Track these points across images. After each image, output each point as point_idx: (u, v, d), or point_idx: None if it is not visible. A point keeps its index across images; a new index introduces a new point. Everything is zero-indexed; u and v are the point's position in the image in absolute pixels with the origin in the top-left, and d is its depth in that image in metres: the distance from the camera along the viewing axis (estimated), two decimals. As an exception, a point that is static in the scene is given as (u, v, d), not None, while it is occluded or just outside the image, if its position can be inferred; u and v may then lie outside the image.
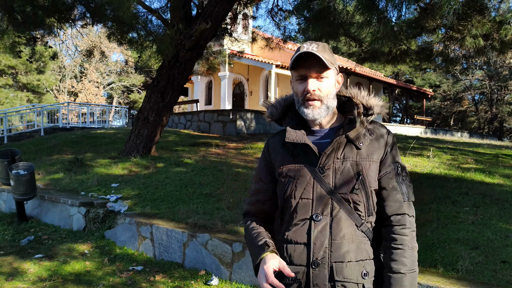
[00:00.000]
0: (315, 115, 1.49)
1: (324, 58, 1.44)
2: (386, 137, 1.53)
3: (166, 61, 8.89)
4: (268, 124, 13.77)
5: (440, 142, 11.08)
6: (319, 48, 1.47)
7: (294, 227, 1.46)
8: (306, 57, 1.45)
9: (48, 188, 7.44)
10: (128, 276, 4.38)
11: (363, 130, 1.52)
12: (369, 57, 10.30)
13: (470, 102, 35.83)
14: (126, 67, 36.15)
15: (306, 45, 1.47)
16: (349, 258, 1.41)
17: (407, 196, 1.48)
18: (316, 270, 1.40)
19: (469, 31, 7.27)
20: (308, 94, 1.48)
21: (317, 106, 1.49)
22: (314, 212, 1.44)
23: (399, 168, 1.51)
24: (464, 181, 6.04)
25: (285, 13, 11.37)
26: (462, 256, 3.65)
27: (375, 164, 1.48)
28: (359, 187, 1.44)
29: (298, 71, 1.49)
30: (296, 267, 1.44)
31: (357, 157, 1.47)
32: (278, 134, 1.63)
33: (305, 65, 1.47)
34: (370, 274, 1.43)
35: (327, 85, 1.50)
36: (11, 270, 4.56)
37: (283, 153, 1.55)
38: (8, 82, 30.10)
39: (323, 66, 1.46)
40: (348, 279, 1.40)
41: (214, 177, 6.99)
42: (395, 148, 1.54)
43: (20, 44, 10.57)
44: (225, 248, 4.35)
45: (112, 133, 13.65)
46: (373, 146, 1.50)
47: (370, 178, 1.46)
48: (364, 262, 1.43)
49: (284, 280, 1.45)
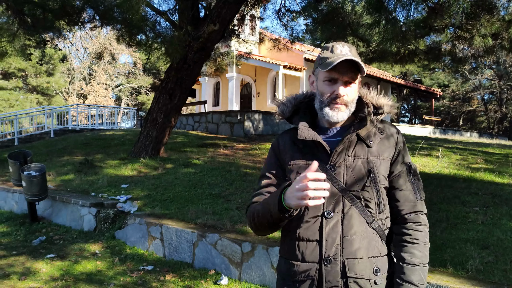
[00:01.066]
0: (339, 117, 1.50)
1: (360, 65, 1.44)
2: (396, 136, 1.55)
3: (174, 63, 8.95)
4: (276, 125, 13.78)
5: (449, 142, 11.02)
6: (352, 52, 1.46)
7: (305, 224, 1.47)
8: (345, 60, 1.43)
9: (59, 189, 7.52)
10: (138, 276, 4.43)
11: (374, 129, 1.54)
12: (377, 57, 10.27)
13: (479, 102, 35.56)
14: (134, 69, 36.36)
15: (340, 47, 1.47)
16: (360, 254, 1.42)
17: (419, 196, 1.51)
18: (328, 266, 1.42)
19: (478, 30, 7.23)
20: (337, 99, 1.48)
21: (342, 109, 1.49)
22: (326, 209, 1.45)
23: (410, 168, 1.53)
24: (474, 181, 6.01)
25: (293, 14, 11.39)
26: (472, 256, 3.64)
27: (386, 162, 1.50)
28: (370, 184, 1.46)
29: (330, 73, 1.47)
30: (308, 264, 1.45)
31: (368, 155, 1.49)
32: (287, 133, 1.65)
33: (340, 69, 1.45)
34: (382, 270, 1.45)
35: (354, 90, 1.51)
36: (24, 270, 4.63)
37: (294, 151, 1.56)
38: (18, 85, 30.45)
39: (357, 73, 1.47)
40: (360, 275, 1.41)
41: (223, 177, 7.02)
42: (405, 148, 1.56)
43: (30, 47, 10.65)
44: (235, 248, 4.38)
45: (121, 134, 13.75)
46: (384, 145, 1.52)
47: (381, 176, 1.48)
48: (376, 258, 1.45)
49: (296, 277, 1.48)
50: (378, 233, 1.47)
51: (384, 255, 1.48)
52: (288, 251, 1.53)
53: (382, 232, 1.49)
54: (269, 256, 4.08)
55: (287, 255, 1.53)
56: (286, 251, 1.54)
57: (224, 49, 14.71)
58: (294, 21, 11.79)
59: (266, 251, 4.12)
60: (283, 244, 1.57)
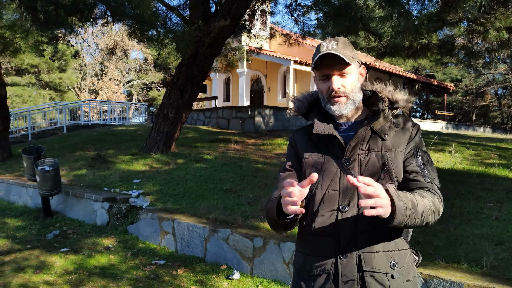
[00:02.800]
0: (342, 110, 1.51)
1: (345, 55, 1.45)
2: (411, 129, 1.53)
3: (185, 58, 8.97)
4: (286, 121, 13.75)
5: (462, 138, 10.90)
6: (339, 45, 1.48)
7: (320, 218, 1.47)
8: (327, 56, 1.46)
9: (72, 184, 7.60)
10: (151, 270, 4.46)
11: (388, 122, 1.53)
12: (389, 52, 10.19)
13: (493, 97, 35.08)
14: (145, 65, 36.54)
15: (326, 44, 1.49)
16: (377, 248, 1.41)
17: (430, 179, 1.46)
18: (344, 260, 1.42)
19: (493, 24, 7.13)
20: (333, 92, 1.49)
21: (343, 102, 1.51)
22: (341, 203, 1.45)
23: (424, 155, 1.50)
24: (488, 177, 5.94)
25: (304, 9, 11.33)
26: (486, 252, 3.60)
27: (401, 155, 1.49)
28: (385, 177, 1.44)
29: (320, 71, 1.51)
30: (324, 258, 1.45)
31: (382, 148, 1.48)
32: (302, 129, 1.66)
33: (327, 64, 1.48)
34: (399, 264, 1.44)
35: (350, 81, 1.51)
36: (38, 263, 4.69)
37: (309, 146, 1.58)
38: (31, 81, 30.79)
39: (345, 63, 1.47)
40: (377, 269, 1.40)
41: (234, 173, 7.03)
42: (421, 140, 1.55)
43: (42, 43, 10.76)
44: (246, 243, 4.39)
45: (133, 130, 13.84)
46: (399, 138, 1.51)
47: (396, 169, 1.46)
48: (393, 252, 1.43)
49: (312, 272, 1.47)
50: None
51: (401, 249, 1.46)
52: (303, 245, 1.52)
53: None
54: (281, 251, 4.08)
55: (302, 250, 1.53)
56: (301, 245, 1.54)
57: (234, 45, 14.70)
58: (305, 16, 11.72)
59: (278, 246, 4.13)
60: (299, 239, 1.57)
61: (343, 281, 1.41)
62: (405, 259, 1.46)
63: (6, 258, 4.87)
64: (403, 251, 1.47)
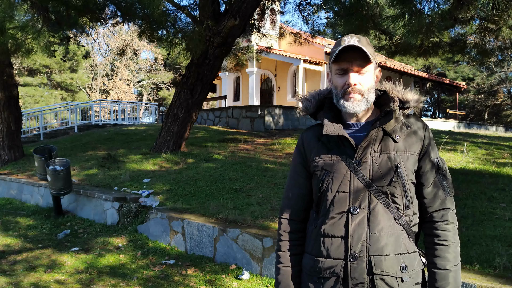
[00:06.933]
0: (355, 108, 1.48)
1: (368, 51, 1.43)
2: (423, 130, 1.51)
3: (195, 58, 8.98)
4: (296, 120, 13.72)
5: (474, 137, 10.77)
6: (361, 41, 1.45)
7: (331, 220, 1.45)
8: (348, 50, 1.43)
9: (83, 184, 7.66)
10: (160, 269, 4.47)
11: (400, 123, 1.50)
12: (400, 50, 10.09)
13: (505, 95, 34.61)
14: (155, 65, 36.71)
15: (347, 39, 1.45)
16: (387, 251, 1.39)
17: (449, 192, 1.48)
18: (354, 263, 1.40)
19: (505, 21, 7.03)
20: (349, 88, 1.46)
21: (357, 99, 1.47)
22: (352, 205, 1.43)
23: (439, 164, 1.49)
24: (500, 177, 5.86)
25: (314, 7, 11.29)
26: (499, 253, 3.54)
27: (413, 157, 1.47)
28: (397, 179, 1.42)
29: (339, 64, 1.47)
30: (333, 260, 1.43)
31: (394, 150, 1.46)
32: (311, 129, 1.63)
33: (347, 59, 1.45)
34: (409, 267, 1.42)
35: (368, 79, 1.48)
36: (50, 263, 4.73)
37: (318, 147, 1.55)
38: (43, 81, 31.10)
39: (366, 60, 1.45)
40: (387, 272, 1.38)
41: (244, 172, 7.02)
42: (433, 142, 1.52)
43: (54, 44, 10.86)
44: (256, 243, 4.38)
45: (143, 129, 13.91)
46: (411, 139, 1.48)
47: (408, 171, 1.45)
48: (403, 256, 1.41)
49: (321, 274, 1.46)
50: (405, 230, 1.44)
51: (411, 252, 1.44)
52: (313, 247, 1.50)
53: (410, 228, 1.45)
54: (291, 252, 4.06)
55: (312, 252, 1.51)
56: (311, 247, 1.52)
57: (244, 44, 14.69)
58: (315, 15, 11.70)
59: (287, 246, 4.10)
60: (308, 240, 1.55)
61: (353, 284, 1.40)
62: (415, 262, 1.45)
63: (18, 257, 4.92)
64: (413, 254, 1.45)
